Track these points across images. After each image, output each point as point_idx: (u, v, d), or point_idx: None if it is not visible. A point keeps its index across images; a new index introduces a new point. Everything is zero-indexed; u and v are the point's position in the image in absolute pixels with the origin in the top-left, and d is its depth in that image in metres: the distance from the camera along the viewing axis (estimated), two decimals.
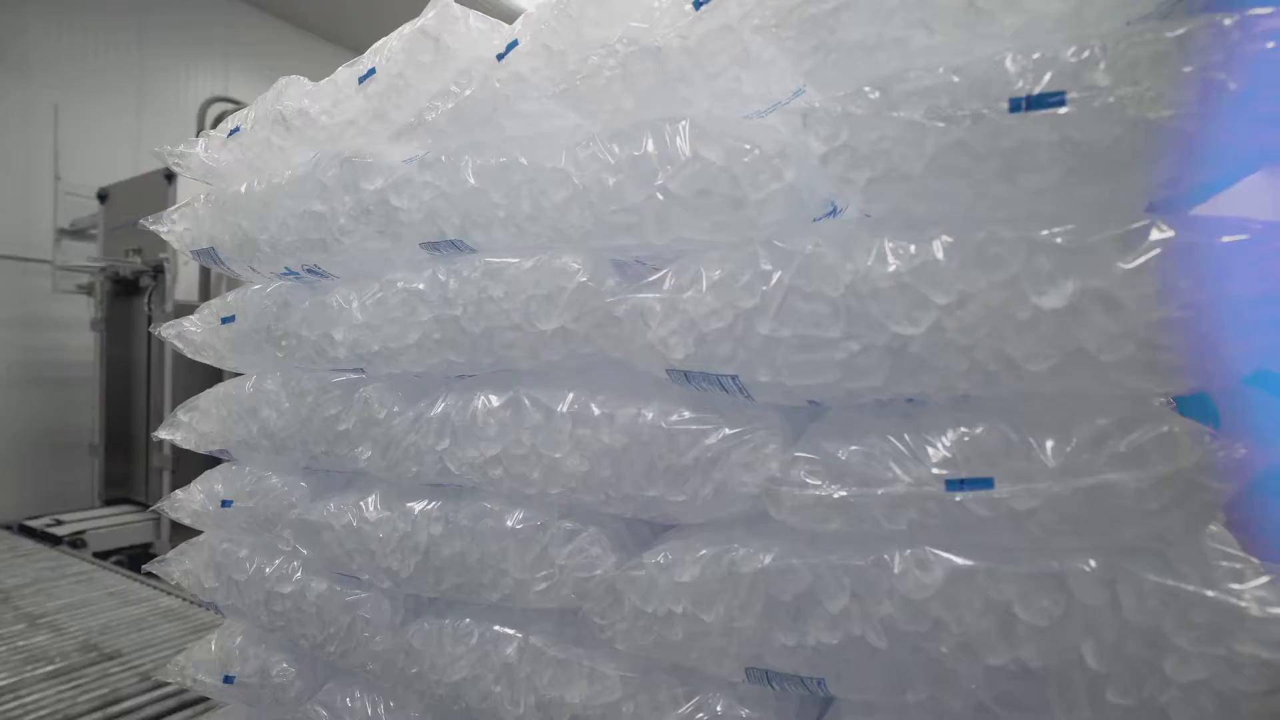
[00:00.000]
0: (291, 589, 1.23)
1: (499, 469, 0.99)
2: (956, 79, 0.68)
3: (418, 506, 1.09)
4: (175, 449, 5.30)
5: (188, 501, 1.38)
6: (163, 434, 1.40)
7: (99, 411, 5.20)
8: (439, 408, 1.05)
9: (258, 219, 1.24)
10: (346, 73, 1.16)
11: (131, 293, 5.23)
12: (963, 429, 0.73)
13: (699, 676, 0.90)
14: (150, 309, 5.29)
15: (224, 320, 1.31)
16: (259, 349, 1.28)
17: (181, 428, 1.39)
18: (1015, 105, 0.65)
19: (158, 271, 5.15)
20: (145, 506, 5.33)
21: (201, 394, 1.39)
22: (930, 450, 0.73)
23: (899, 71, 0.73)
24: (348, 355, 1.14)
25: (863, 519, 0.76)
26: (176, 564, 1.40)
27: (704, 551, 0.85)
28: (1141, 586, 0.63)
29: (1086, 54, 0.63)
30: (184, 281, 5.51)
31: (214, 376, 5.58)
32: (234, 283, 5.62)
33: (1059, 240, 0.65)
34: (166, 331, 1.39)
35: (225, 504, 1.31)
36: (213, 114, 5.04)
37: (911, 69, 0.71)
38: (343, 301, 1.14)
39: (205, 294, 5.67)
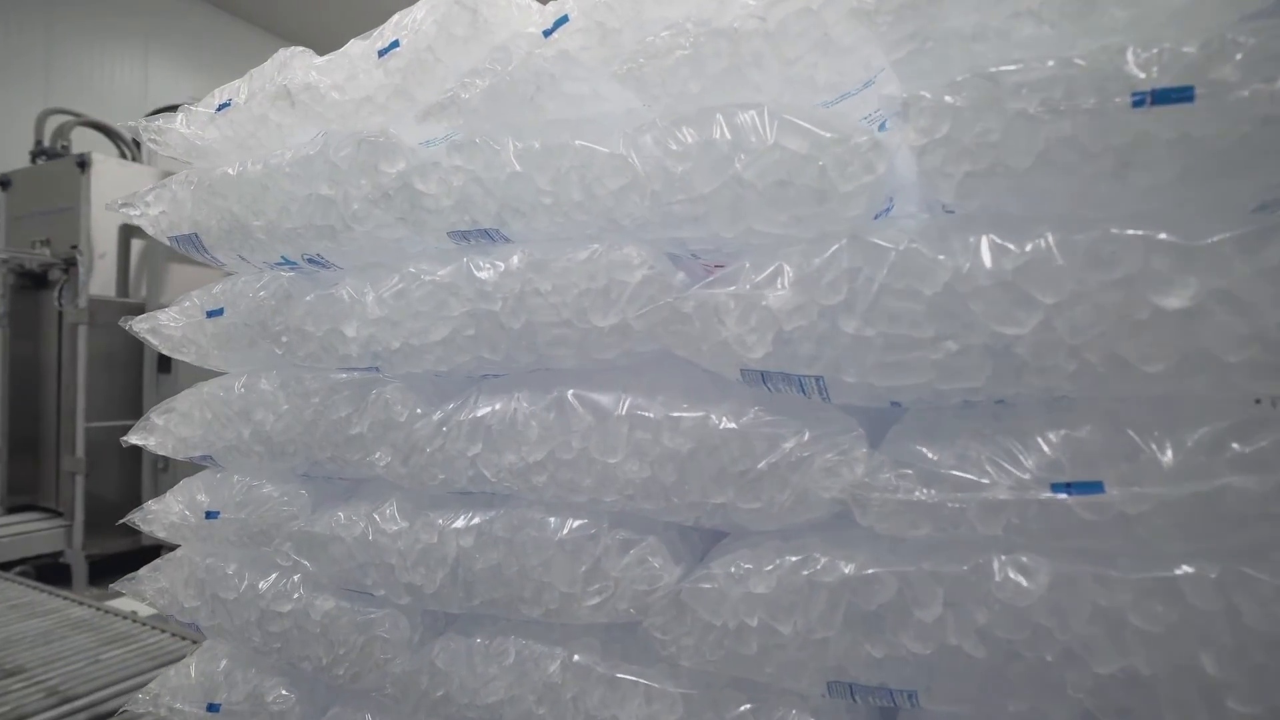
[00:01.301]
0: (291, 607, 1.16)
1: (543, 475, 0.95)
2: (1074, 71, 0.67)
3: (443, 516, 1.03)
4: (89, 451, 5.00)
5: (163, 513, 1.29)
6: (134, 439, 1.29)
7: (3, 413, 4.86)
8: (470, 410, 1.00)
9: (252, 203, 1.16)
10: (361, 45, 1.09)
11: (40, 286, 4.92)
12: (1065, 431, 0.72)
13: (766, 691, 0.88)
14: (61, 304, 4.99)
15: (210, 314, 1.22)
16: (252, 345, 1.20)
17: (156, 432, 1.29)
18: (1139, 100, 0.64)
19: (69, 265, 4.87)
20: (54, 513, 5.02)
21: (179, 395, 1.30)
22: (1031, 453, 0.73)
23: (1004, 63, 0.72)
24: (361, 353, 1.08)
25: (956, 524, 0.75)
26: (149, 581, 1.31)
27: (780, 561, 0.83)
28: (1262, 591, 0.64)
29: (1215, 49, 0.63)
30: (99, 276, 5.22)
31: (135, 376, 5.30)
32: (156, 278, 5.34)
33: (1179, 239, 0.65)
34: (139, 326, 1.29)
35: (210, 515, 1.22)
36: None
37: (1020, 60, 0.70)
38: (355, 294, 1.08)
39: (124, 290, 5.38)
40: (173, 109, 1.26)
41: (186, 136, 1.23)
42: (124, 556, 5.33)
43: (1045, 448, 0.73)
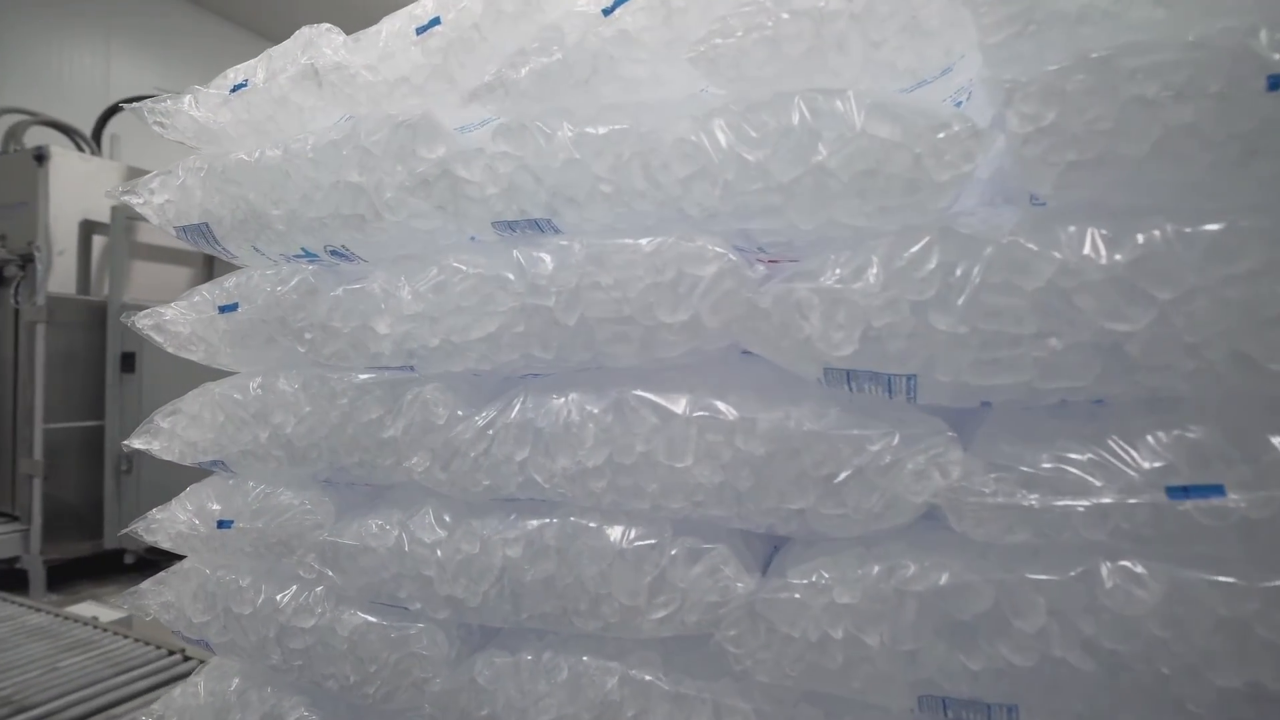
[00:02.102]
0: (315, 622, 1.09)
1: (601, 481, 0.89)
2: (1200, 54, 0.64)
3: (487, 525, 0.97)
4: (47, 454, 4.81)
5: (168, 522, 1.21)
6: (137, 444, 1.21)
7: None
8: (518, 412, 0.95)
9: (271, 191, 1.09)
10: (395, 22, 1.03)
11: None
12: (1176, 432, 0.70)
13: (846, 705, 0.84)
14: (18, 302, 4.79)
15: (223, 309, 1.15)
16: (269, 343, 1.13)
17: (161, 435, 1.21)
18: (1275, 83, 0.61)
19: (26, 261, 4.68)
20: (10, 517, 4.82)
21: (186, 396, 1.22)
22: (1140, 455, 0.70)
23: (1114, 47, 0.68)
24: (394, 350, 1.01)
25: (1058, 529, 0.72)
26: (153, 595, 1.22)
27: (866, 570, 0.79)
28: None
29: None
30: (58, 273, 5.03)
31: (96, 376, 5.10)
32: (119, 276, 5.15)
33: None
34: (142, 322, 1.21)
35: (223, 524, 1.15)
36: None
37: (1138, 44, 0.67)
38: (388, 288, 1.01)
39: (84, 287, 5.19)
40: (139, 100, 1.18)
41: (197, 119, 1.16)
42: (83, 562, 5.14)
43: (1156, 449, 0.70)
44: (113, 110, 5.95)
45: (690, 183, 0.85)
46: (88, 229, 5.20)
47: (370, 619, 1.06)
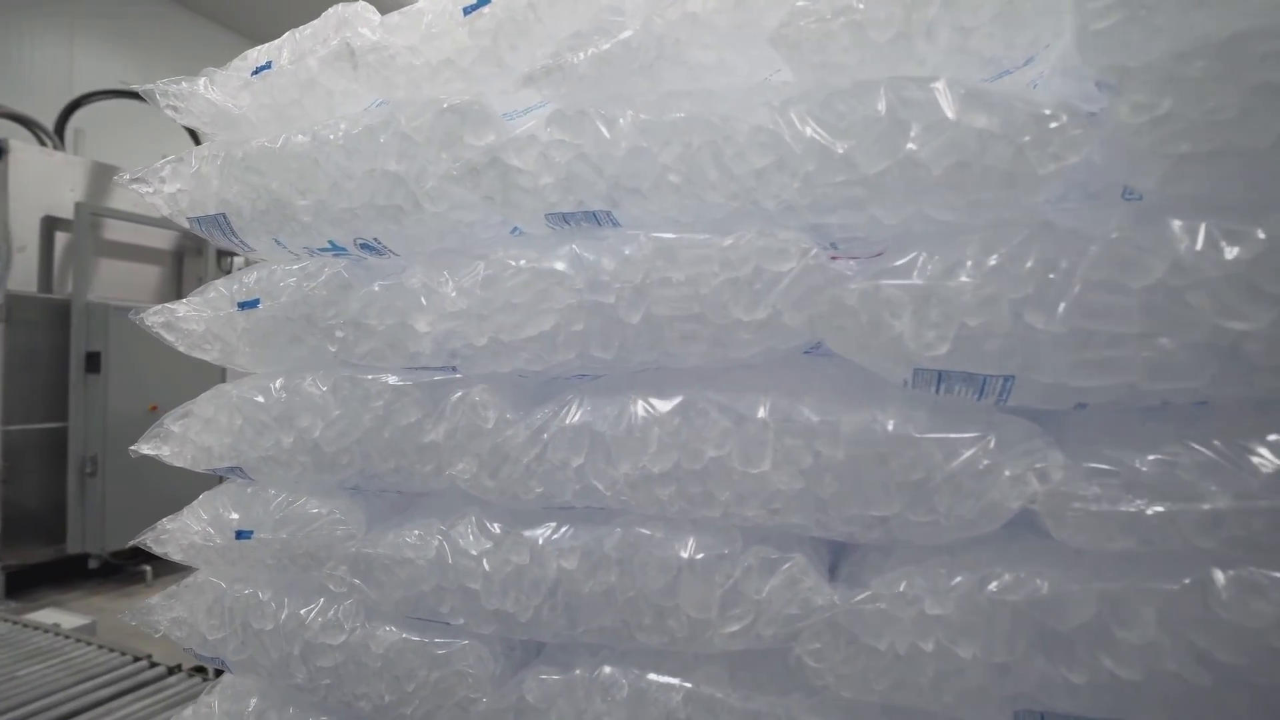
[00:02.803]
0: (345, 639, 1.02)
1: (669, 488, 0.85)
2: None
3: (539, 535, 0.92)
4: (8, 456, 4.61)
5: (179, 533, 1.13)
6: (146, 449, 1.13)
7: None
8: (573, 415, 0.89)
9: (297, 180, 1.02)
10: (441, 2, 0.96)
11: None
12: None
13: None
14: None
15: (242, 305, 1.07)
16: (293, 342, 1.06)
17: (171, 440, 1.13)
18: None
19: None
20: None
21: (198, 399, 1.14)
22: (1258, 459, 0.67)
23: (1234, 31, 0.65)
24: (435, 350, 0.95)
25: (1166, 536, 0.68)
26: (163, 610, 1.14)
27: (958, 579, 0.75)
28: None
29: None
30: (19, 270, 4.84)
31: (59, 376, 4.90)
32: (83, 273, 4.95)
33: None
34: (151, 319, 1.13)
35: (242, 535, 1.08)
36: None
37: (1264, 27, 0.64)
38: (429, 283, 0.95)
39: (46, 285, 4.99)
40: (106, 94, 1.11)
41: (215, 103, 1.08)
42: (45, 567, 4.94)
43: (1272, 453, 0.66)
44: (77, 103, 5.74)
45: (766, 174, 0.80)
46: (50, 225, 5.00)
47: (408, 635, 0.99)
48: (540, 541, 0.92)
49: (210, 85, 1.10)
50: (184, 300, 1.13)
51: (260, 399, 1.07)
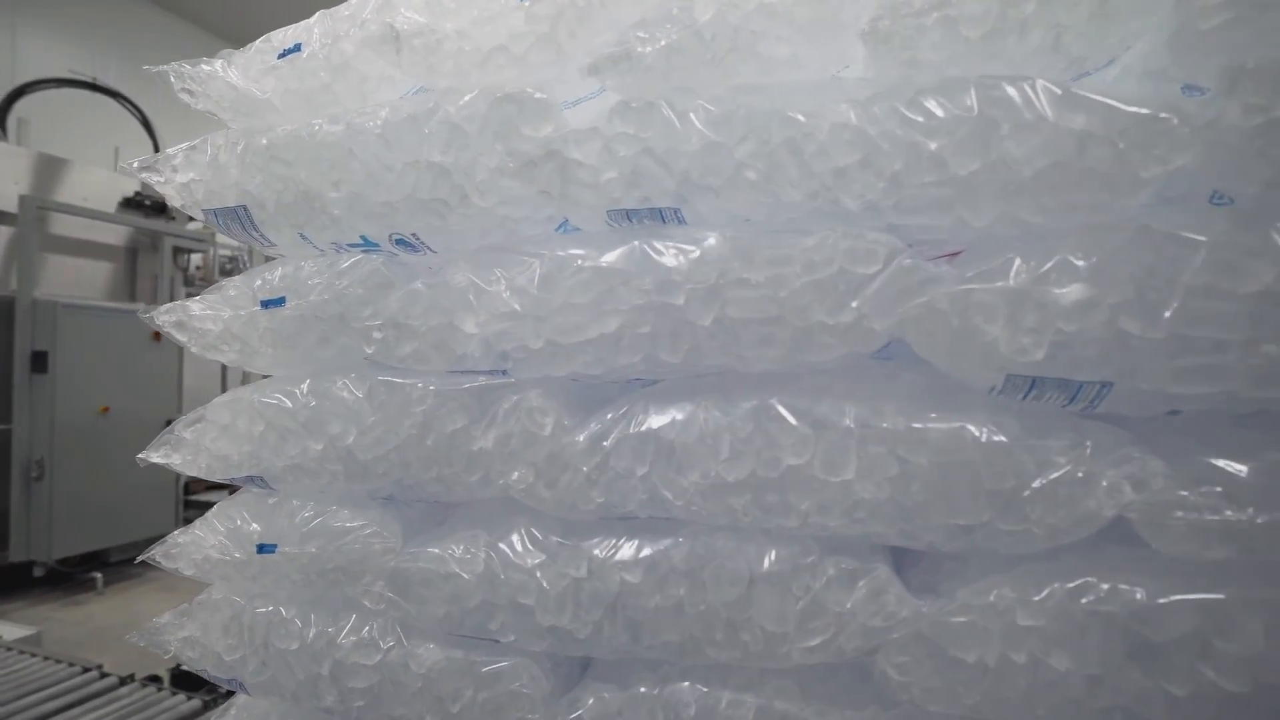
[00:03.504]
0: (381, 658, 0.96)
1: (743, 497, 0.81)
2: None
3: (598, 547, 0.88)
4: None
5: (192, 547, 1.05)
6: (155, 457, 1.05)
7: None
8: (637, 421, 0.85)
9: (329, 171, 0.96)
10: None
11: None
12: None
13: None
14: None
15: (266, 304, 1.00)
16: (323, 343, 0.99)
17: (183, 448, 1.06)
18: None
19: None
20: None
21: (212, 404, 1.06)
22: None
23: None
24: (484, 352, 0.90)
25: (1271, 546, 0.67)
26: (173, 630, 1.07)
27: (1051, 589, 0.73)
28: None
29: None
30: None
31: (3, 378, 4.64)
32: (28, 270, 4.69)
33: None
34: (163, 318, 1.05)
35: (264, 549, 1.00)
36: None
37: None
38: (478, 281, 0.90)
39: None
40: (52, 83, 1.03)
41: (236, 87, 1.01)
42: None
43: None
44: (19, 92, 5.46)
45: (850, 172, 0.77)
46: None
47: (452, 653, 0.94)
48: (599, 554, 0.87)
49: (230, 68, 1.03)
50: (199, 298, 1.06)
51: (286, 404, 1.00)
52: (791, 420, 0.80)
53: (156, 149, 5.76)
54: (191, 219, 5.58)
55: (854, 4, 0.80)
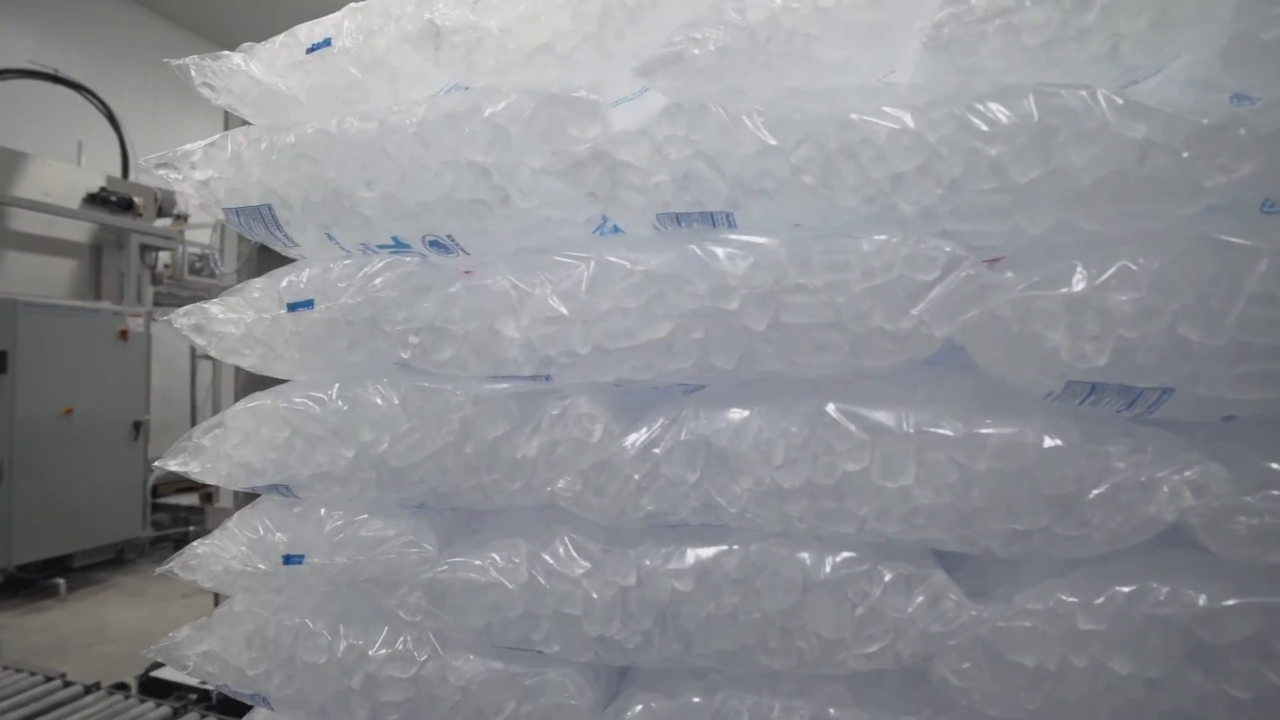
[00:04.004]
0: (417, 671, 0.94)
1: (799, 504, 0.80)
2: None
3: (646, 555, 0.86)
4: None
5: (211, 558, 1.01)
6: (173, 465, 1.01)
7: None
8: (688, 428, 0.84)
9: (361, 170, 0.93)
10: None
11: None
12: None
13: None
14: None
15: (292, 307, 0.97)
16: (352, 348, 0.97)
17: (202, 455, 1.02)
18: None
19: None
20: None
21: (231, 410, 1.03)
22: None
23: None
24: (526, 357, 0.88)
25: None
26: (191, 644, 1.03)
27: (1111, 593, 0.74)
28: None
29: None
30: None
31: None
32: None
33: None
34: (181, 321, 1.00)
35: (291, 560, 0.97)
36: None
37: None
38: (521, 285, 0.88)
39: None
40: (11, 74, 0.99)
41: (260, 82, 0.98)
42: None
43: None
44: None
45: (908, 178, 0.77)
46: None
47: (493, 664, 0.92)
48: (649, 562, 0.86)
49: (252, 62, 0.99)
50: (219, 300, 1.02)
51: (314, 410, 0.97)
52: (849, 426, 0.80)
53: (123, 144, 5.58)
54: (160, 215, 5.43)
55: (911, 10, 0.79)
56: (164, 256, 5.50)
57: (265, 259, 2.91)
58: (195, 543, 1.03)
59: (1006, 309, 0.74)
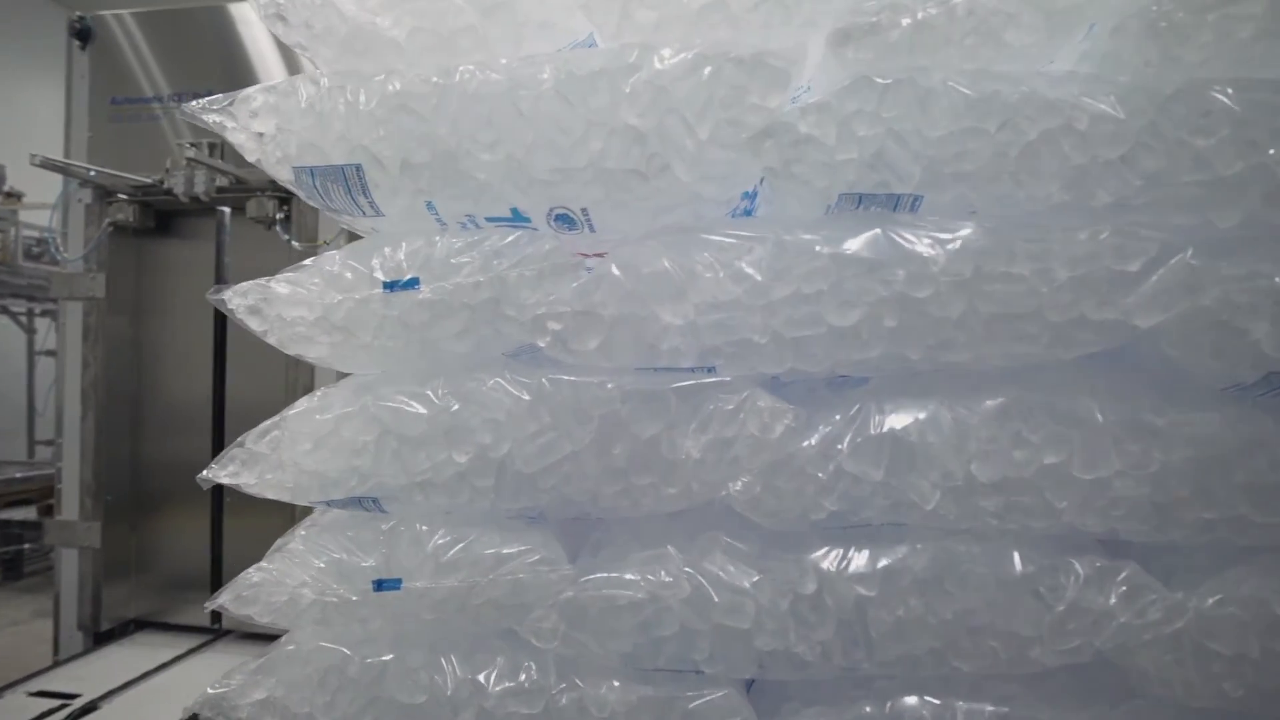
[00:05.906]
0: (546, 704, 0.80)
1: (996, 499, 0.76)
2: None
3: (824, 559, 0.79)
4: None
5: (272, 587, 0.82)
6: (221, 477, 0.81)
7: None
8: (874, 422, 0.77)
9: (482, 129, 0.80)
10: None
11: None
12: None
13: None
14: None
15: (390, 286, 0.80)
16: (462, 335, 0.82)
17: (258, 464, 0.83)
18: None
19: None
20: None
21: (293, 411, 0.84)
22: None
23: None
24: (689, 345, 0.78)
25: None
26: (244, 692, 0.83)
27: None
28: None
29: None
30: None
31: None
32: None
33: None
34: (236, 302, 0.81)
35: (384, 585, 0.81)
36: None
37: None
38: (683, 266, 0.77)
39: None
40: None
41: (350, 18, 0.80)
42: None
43: None
44: None
45: (1110, 166, 0.74)
46: None
47: (642, 690, 0.80)
48: (827, 566, 0.78)
49: None
50: (286, 276, 0.82)
51: (416, 409, 0.81)
52: (1041, 417, 0.76)
53: None
54: None
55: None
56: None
57: (117, 246, 2.47)
58: (249, 570, 0.83)
59: (1212, 300, 0.73)
